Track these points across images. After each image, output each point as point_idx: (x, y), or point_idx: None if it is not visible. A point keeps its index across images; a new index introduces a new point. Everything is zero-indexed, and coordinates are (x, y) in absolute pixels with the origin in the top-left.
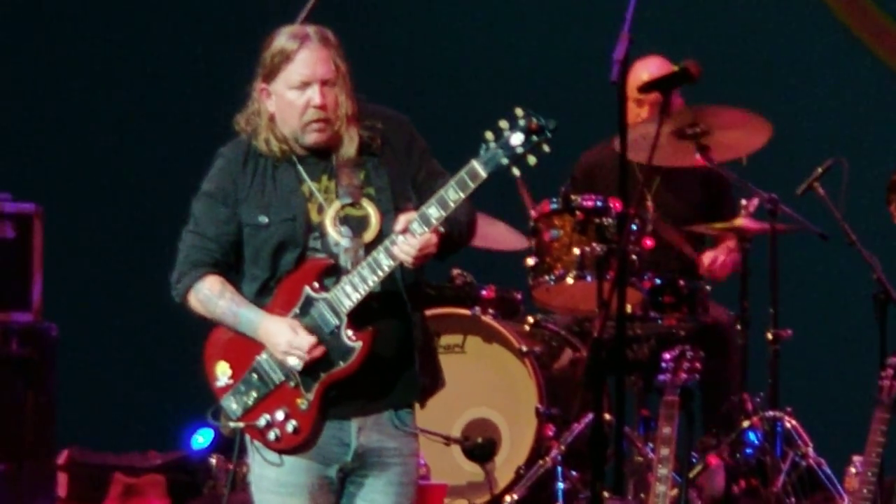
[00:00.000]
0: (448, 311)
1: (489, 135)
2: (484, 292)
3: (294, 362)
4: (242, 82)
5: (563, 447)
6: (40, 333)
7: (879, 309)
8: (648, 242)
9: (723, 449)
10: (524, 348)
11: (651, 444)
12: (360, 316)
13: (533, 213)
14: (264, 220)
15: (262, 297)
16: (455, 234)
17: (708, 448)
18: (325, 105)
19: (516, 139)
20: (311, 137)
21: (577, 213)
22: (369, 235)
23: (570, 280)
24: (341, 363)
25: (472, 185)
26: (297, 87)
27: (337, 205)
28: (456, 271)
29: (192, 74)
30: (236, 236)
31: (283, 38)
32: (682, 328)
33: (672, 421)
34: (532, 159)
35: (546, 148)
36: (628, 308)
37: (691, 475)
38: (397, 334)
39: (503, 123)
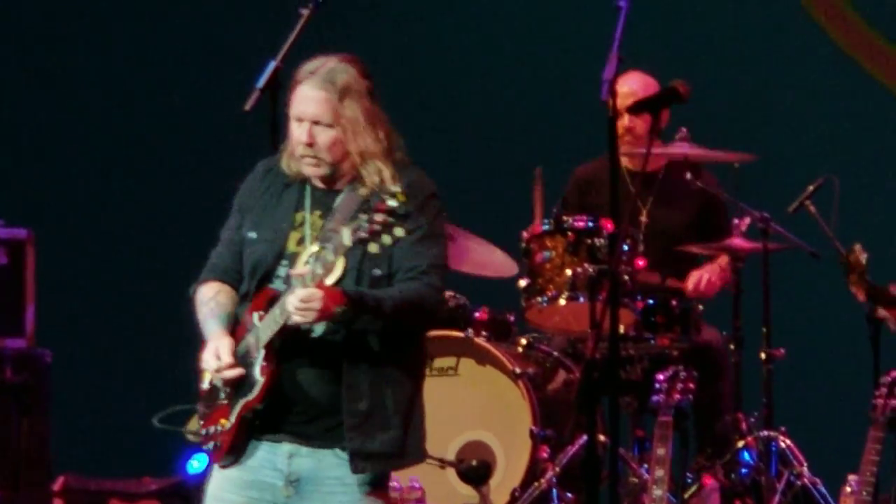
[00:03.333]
0: (441, 334)
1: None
2: (477, 314)
3: (215, 379)
4: (228, 107)
5: (557, 469)
6: (34, 359)
7: (872, 328)
8: (640, 262)
9: (717, 469)
10: (518, 370)
11: (646, 465)
12: (289, 351)
13: (525, 234)
14: (253, 235)
15: (242, 307)
16: (382, 308)
17: (703, 468)
18: (311, 143)
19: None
20: (304, 169)
21: (569, 233)
22: (329, 281)
23: (562, 301)
24: (249, 394)
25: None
26: (295, 119)
27: (316, 247)
28: (449, 293)
29: (183, 101)
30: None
31: (302, 67)
32: (675, 348)
33: (666, 442)
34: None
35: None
36: (621, 328)
37: (686, 496)
38: (327, 380)
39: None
